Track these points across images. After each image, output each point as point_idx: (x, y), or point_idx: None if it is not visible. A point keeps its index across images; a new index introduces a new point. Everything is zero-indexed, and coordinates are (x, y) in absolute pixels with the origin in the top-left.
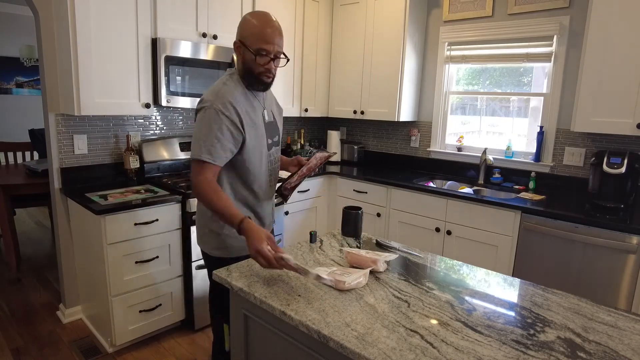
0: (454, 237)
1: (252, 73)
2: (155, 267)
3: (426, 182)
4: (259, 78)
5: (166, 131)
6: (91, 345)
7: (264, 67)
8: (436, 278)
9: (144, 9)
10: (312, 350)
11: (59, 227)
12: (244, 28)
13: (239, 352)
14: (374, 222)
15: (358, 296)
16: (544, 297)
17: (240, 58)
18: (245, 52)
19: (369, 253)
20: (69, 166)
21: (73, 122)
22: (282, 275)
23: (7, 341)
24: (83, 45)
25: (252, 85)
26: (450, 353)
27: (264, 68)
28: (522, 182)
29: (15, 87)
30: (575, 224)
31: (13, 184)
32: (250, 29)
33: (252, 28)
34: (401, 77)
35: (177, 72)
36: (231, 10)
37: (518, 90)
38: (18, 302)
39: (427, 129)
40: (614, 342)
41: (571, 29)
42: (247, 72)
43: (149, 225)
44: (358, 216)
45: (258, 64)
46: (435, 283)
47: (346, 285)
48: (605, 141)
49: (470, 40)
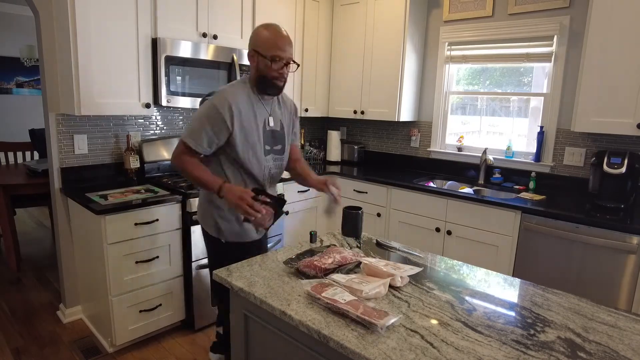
0: (454, 237)
1: (266, 78)
2: (155, 267)
3: (426, 182)
4: (272, 82)
5: (166, 131)
6: (91, 345)
7: (277, 72)
8: (436, 278)
9: (144, 9)
10: (312, 350)
11: (59, 227)
12: (258, 38)
13: (239, 352)
14: (374, 222)
15: None
16: (544, 297)
17: (255, 65)
18: (260, 59)
19: (388, 266)
20: (69, 166)
21: (73, 122)
22: (282, 275)
23: (7, 341)
24: (83, 45)
25: (265, 89)
26: (450, 353)
27: (278, 73)
28: (522, 182)
29: (15, 87)
30: (575, 224)
31: (13, 184)
32: (264, 38)
33: (266, 38)
34: (401, 77)
35: (177, 72)
36: (231, 10)
37: (518, 90)
38: (18, 302)
39: (427, 129)
40: (614, 342)
41: (571, 29)
42: (261, 77)
43: (149, 225)
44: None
45: (273, 69)
46: (435, 283)
47: (363, 294)
48: (605, 141)
49: (470, 40)
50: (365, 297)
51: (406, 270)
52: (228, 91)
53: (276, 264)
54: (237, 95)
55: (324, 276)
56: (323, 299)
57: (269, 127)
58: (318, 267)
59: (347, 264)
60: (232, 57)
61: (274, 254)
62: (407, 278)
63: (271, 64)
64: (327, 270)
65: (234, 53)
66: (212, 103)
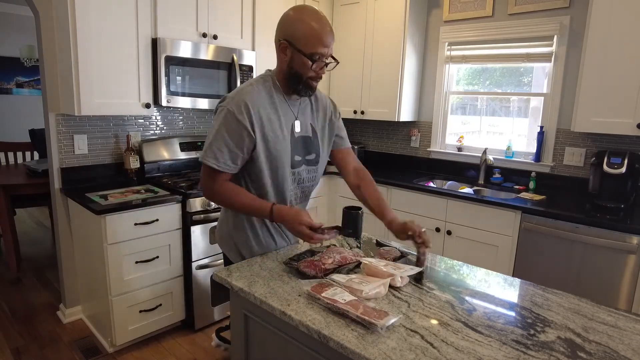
0: (454, 237)
1: (301, 78)
2: (155, 267)
3: (426, 182)
4: (308, 83)
5: (166, 131)
6: (91, 345)
7: (315, 71)
8: (436, 278)
9: (144, 9)
10: (312, 350)
11: (59, 227)
12: (295, 27)
13: (239, 352)
14: (374, 222)
15: None
16: (544, 297)
17: (287, 60)
18: (295, 54)
19: (388, 266)
20: (69, 166)
21: (73, 122)
22: (282, 275)
23: (7, 341)
24: (83, 45)
25: (297, 91)
26: (450, 353)
27: (316, 73)
28: (522, 182)
29: (15, 87)
30: (575, 224)
31: (13, 184)
32: (304, 29)
33: (307, 28)
34: (401, 77)
35: (177, 72)
36: (231, 10)
37: (518, 90)
38: (18, 302)
39: (427, 129)
40: (615, 342)
41: (571, 29)
42: (293, 76)
43: (149, 225)
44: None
45: (311, 69)
46: (435, 283)
47: (363, 294)
48: (605, 141)
49: (470, 40)
50: (365, 297)
51: (406, 270)
52: (245, 91)
53: (276, 264)
54: (257, 97)
55: (324, 276)
56: (323, 299)
57: (298, 134)
58: (318, 267)
59: (347, 264)
60: (232, 57)
61: (274, 254)
62: (407, 278)
63: (312, 63)
64: (327, 270)
65: (234, 53)
66: (228, 110)
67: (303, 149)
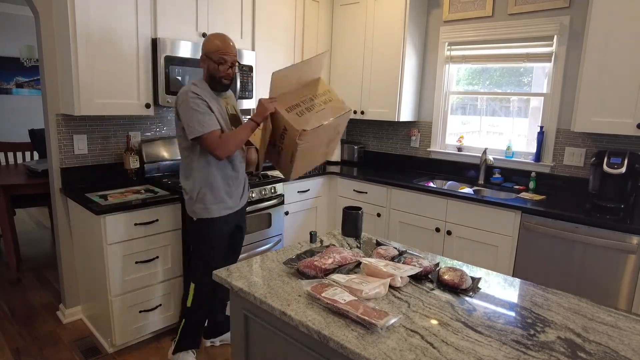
0: (454, 237)
1: (215, 77)
2: (155, 267)
3: (426, 182)
4: (220, 81)
5: (166, 131)
6: (91, 345)
7: (224, 72)
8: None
9: (144, 9)
10: (312, 350)
11: (59, 227)
12: (209, 46)
13: (239, 352)
14: (374, 222)
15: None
16: (544, 297)
17: (206, 67)
18: (210, 63)
19: (388, 266)
20: (69, 166)
21: (73, 122)
22: (282, 275)
23: (7, 341)
24: (83, 45)
25: (215, 87)
26: (450, 353)
27: (225, 73)
28: (522, 182)
29: (15, 87)
30: (575, 224)
31: (13, 184)
32: (214, 46)
33: (215, 45)
34: (401, 77)
35: (177, 72)
36: (231, 10)
37: (518, 90)
38: (18, 302)
39: (427, 129)
40: (614, 343)
41: (571, 29)
42: (211, 77)
43: (149, 225)
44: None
45: (220, 70)
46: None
47: (363, 294)
48: (605, 141)
49: (470, 40)
50: (365, 297)
51: (406, 270)
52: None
53: (276, 264)
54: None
55: (324, 276)
56: (323, 299)
57: (230, 112)
58: (318, 268)
59: (347, 264)
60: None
61: (274, 254)
62: (407, 278)
63: (218, 66)
64: (327, 270)
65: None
66: (187, 95)
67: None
